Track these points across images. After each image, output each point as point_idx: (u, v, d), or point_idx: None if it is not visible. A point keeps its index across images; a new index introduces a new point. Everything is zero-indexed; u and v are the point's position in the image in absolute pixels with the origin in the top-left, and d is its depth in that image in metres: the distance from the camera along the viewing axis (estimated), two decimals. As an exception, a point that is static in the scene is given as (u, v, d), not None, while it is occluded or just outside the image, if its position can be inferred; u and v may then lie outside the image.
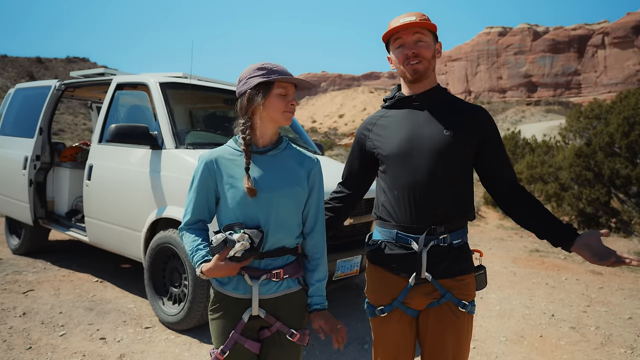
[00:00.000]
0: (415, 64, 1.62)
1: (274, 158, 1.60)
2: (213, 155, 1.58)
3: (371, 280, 1.76)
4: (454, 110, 1.66)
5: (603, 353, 3.43)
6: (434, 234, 1.60)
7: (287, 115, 1.57)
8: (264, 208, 1.53)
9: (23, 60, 60.43)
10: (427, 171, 1.59)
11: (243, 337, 1.56)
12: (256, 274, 1.55)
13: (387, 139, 1.68)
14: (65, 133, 29.00)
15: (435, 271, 1.61)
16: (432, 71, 1.67)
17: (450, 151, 1.59)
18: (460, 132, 1.61)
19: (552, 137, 14.54)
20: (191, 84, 4.15)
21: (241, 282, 1.56)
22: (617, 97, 11.76)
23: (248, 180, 1.51)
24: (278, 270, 1.56)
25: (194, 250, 1.55)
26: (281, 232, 1.56)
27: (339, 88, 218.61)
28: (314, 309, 1.64)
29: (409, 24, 1.59)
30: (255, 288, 1.54)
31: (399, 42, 1.64)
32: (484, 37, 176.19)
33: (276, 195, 1.54)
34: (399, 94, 1.72)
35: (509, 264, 6.10)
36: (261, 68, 1.56)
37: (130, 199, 3.84)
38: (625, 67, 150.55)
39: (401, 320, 1.66)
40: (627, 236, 8.86)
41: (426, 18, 1.63)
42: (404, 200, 1.62)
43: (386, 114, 1.75)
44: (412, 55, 1.61)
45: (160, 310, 3.58)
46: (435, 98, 1.68)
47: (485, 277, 1.77)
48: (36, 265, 5.02)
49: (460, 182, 1.64)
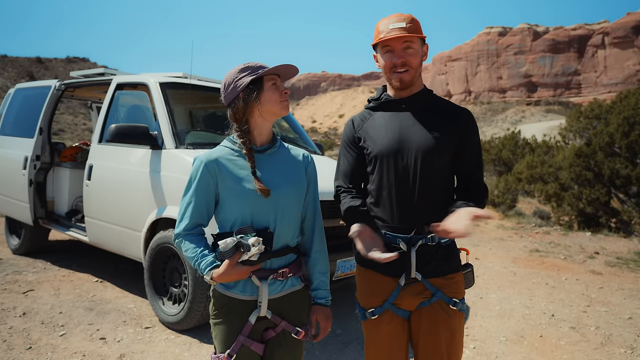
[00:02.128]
0: (403, 72, 1.63)
1: (273, 156, 1.61)
2: (213, 156, 1.55)
3: (361, 282, 1.76)
4: (440, 112, 1.68)
5: (603, 353, 3.43)
6: (422, 234, 1.62)
7: (284, 104, 1.57)
8: (272, 207, 1.53)
9: (23, 60, 60.46)
10: (414, 172, 1.61)
11: (249, 340, 1.54)
12: (264, 274, 1.53)
13: (374, 140, 1.68)
14: (65, 133, 29.00)
15: (424, 270, 1.62)
16: (418, 77, 1.68)
17: (437, 152, 1.61)
18: (445, 134, 1.63)
19: (552, 137, 14.55)
20: (191, 84, 4.15)
21: (248, 284, 1.54)
22: (617, 97, 11.76)
23: (258, 182, 1.49)
24: (284, 269, 1.56)
25: (198, 257, 1.50)
26: (286, 230, 1.56)
27: (339, 88, 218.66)
28: (318, 302, 1.66)
29: (400, 37, 1.59)
30: (264, 289, 1.52)
31: (387, 48, 1.65)
32: (484, 37, 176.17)
33: (281, 193, 1.55)
34: (385, 96, 1.73)
35: (509, 264, 6.10)
36: (244, 69, 1.55)
37: (130, 199, 3.84)
38: (625, 67, 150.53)
39: (392, 322, 1.67)
40: (627, 236, 8.86)
41: (415, 23, 1.63)
42: (391, 200, 1.63)
43: (372, 115, 1.75)
44: (400, 64, 1.62)
45: (160, 310, 3.58)
46: (421, 101, 1.70)
47: (473, 275, 1.78)
48: (36, 265, 5.02)
49: (445, 182, 1.66)
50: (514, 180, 12.97)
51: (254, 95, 1.53)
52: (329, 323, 1.67)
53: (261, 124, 1.58)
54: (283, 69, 1.57)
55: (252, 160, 1.53)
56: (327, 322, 1.66)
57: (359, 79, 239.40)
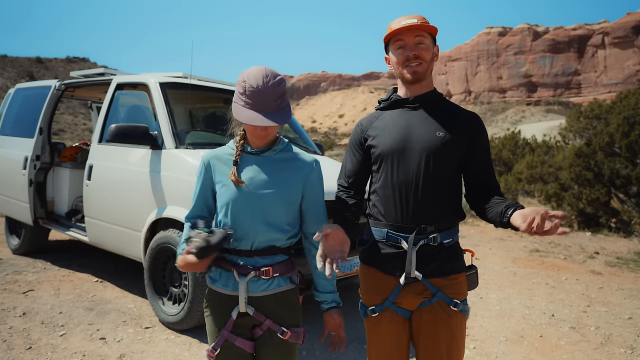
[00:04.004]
0: (415, 65, 1.64)
1: (268, 159, 1.61)
2: (211, 155, 1.65)
3: (363, 280, 1.77)
4: (448, 114, 1.69)
5: (603, 353, 3.43)
6: (424, 233, 1.62)
7: (257, 134, 1.55)
8: (253, 207, 1.56)
9: (23, 60, 60.45)
10: (418, 171, 1.61)
11: (233, 335, 1.58)
12: (244, 271, 1.57)
13: (381, 138, 1.69)
14: (65, 133, 29.01)
15: (425, 270, 1.62)
16: (429, 74, 1.69)
17: (442, 152, 1.61)
18: (452, 135, 1.63)
19: (552, 137, 14.56)
20: (191, 84, 4.15)
21: (231, 279, 1.59)
22: (617, 97, 11.76)
23: (234, 173, 1.56)
24: (267, 268, 1.58)
25: (181, 243, 1.63)
26: (271, 232, 1.57)
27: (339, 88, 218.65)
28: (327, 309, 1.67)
29: (412, 25, 1.61)
30: (242, 284, 1.56)
31: (399, 43, 1.66)
32: (484, 37, 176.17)
33: (265, 195, 1.56)
34: (395, 96, 1.75)
35: (509, 264, 6.10)
36: (243, 93, 1.50)
37: (130, 199, 3.84)
38: (625, 67, 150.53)
39: (392, 321, 1.67)
40: (627, 236, 8.86)
41: (426, 21, 1.66)
42: (394, 199, 1.64)
43: (381, 115, 1.77)
44: (412, 57, 1.64)
45: (160, 310, 3.58)
46: (430, 101, 1.70)
47: (477, 277, 1.78)
48: (36, 265, 5.02)
49: (450, 183, 1.66)
50: (514, 180, 12.98)
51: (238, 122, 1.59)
52: (340, 330, 1.67)
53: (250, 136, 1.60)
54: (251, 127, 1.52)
55: (237, 153, 1.59)
56: (338, 330, 1.67)
57: (359, 79, 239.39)
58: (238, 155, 1.59)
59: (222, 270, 1.61)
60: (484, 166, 1.69)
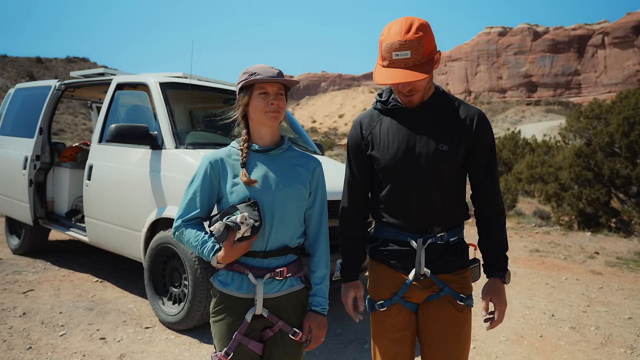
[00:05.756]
0: (410, 96, 1.60)
1: (275, 158, 1.62)
2: (218, 155, 1.61)
3: (372, 275, 1.78)
4: (450, 117, 1.64)
5: (603, 353, 3.43)
6: (432, 233, 1.64)
7: (270, 115, 1.56)
8: (266, 207, 1.55)
9: (23, 60, 60.43)
10: (423, 180, 1.62)
11: (246, 338, 1.56)
12: (260, 272, 1.56)
13: (383, 149, 1.65)
14: (65, 133, 29.01)
15: (433, 266, 1.64)
16: (428, 89, 1.64)
17: (446, 162, 1.61)
18: (454, 142, 1.60)
19: (552, 137, 14.56)
20: (191, 84, 4.15)
21: (245, 281, 1.56)
22: (617, 97, 11.77)
23: (244, 174, 1.55)
24: (282, 269, 1.57)
25: (201, 244, 1.55)
26: (283, 231, 1.57)
27: (339, 88, 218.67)
28: (313, 309, 1.65)
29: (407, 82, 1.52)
30: (259, 286, 1.54)
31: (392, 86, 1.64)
32: (484, 37, 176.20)
33: (278, 194, 1.57)
34: (393, 102, 1.68)
35: (509, 264, 6.10)
36: (244, 72, 1.58)
37: (130, 199, 3.84)
38: (625, 67, 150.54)
39: (400, 314, 1.68)
40: (627, 236, 8.86)
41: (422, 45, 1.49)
42: (402, 206, 1.65)
43: (381, 119, 1.71)
44: (406, 91, 1.59)
45: (160, 310, 3.58)
46: (432, 106, 1.65)
47: (480, 269, 1.79)
48: (36, 265, 5.02)
49: (454, 188, 1.67)
50: (514, 180, 12.98)
51: (245, 100, 1.58)
52: (322, 332, 1.65)
53: (259, 127, 1.61)
54: (273, 80, 1.54)
55: (244, 154, 1.58)
56: (320, 331, 1.64)
57: (358, 79, 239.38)
58: (245, 156, 1.58)
59: (233, 273, 1.58)
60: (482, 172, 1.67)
